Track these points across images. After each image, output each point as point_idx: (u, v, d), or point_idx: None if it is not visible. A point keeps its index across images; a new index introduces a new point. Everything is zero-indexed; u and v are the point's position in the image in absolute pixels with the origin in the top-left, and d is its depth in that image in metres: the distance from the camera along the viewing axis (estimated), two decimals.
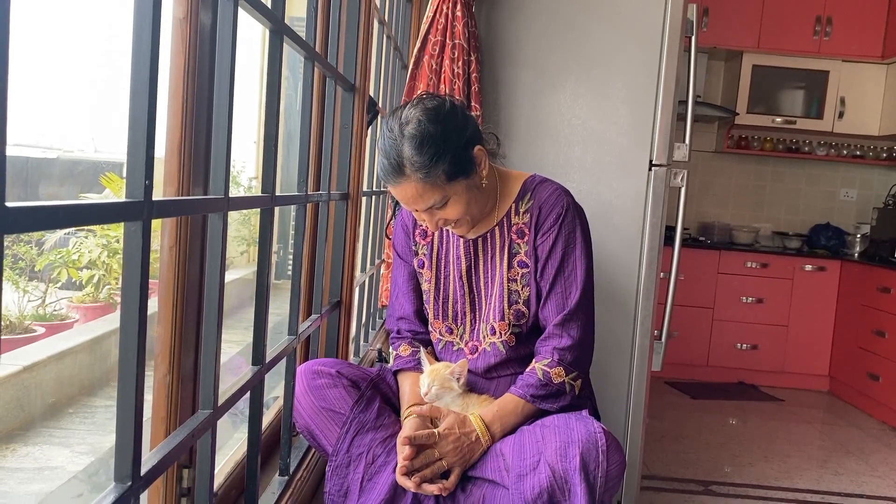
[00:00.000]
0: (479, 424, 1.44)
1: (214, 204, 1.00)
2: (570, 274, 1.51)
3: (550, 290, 1.51)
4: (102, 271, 4.87)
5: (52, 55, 4.46)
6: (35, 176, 4.75)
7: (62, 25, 4.65)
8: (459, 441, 1.41)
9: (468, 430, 1.43)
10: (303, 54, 1.42)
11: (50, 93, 4.57)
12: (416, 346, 1.63)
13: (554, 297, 1.51)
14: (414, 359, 1.60)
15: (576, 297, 1.50)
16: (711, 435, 3.53)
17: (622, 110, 2.25)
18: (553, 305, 1.51)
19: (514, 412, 1.46)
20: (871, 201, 4.95)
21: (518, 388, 1.48)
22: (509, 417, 1.46)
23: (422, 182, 1.38)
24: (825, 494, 2.84)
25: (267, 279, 1.25)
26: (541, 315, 1.53)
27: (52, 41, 4.45)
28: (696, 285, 4.45)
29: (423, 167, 1.36)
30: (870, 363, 4.10)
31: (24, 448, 3.29)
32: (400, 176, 1.39)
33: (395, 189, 1.43)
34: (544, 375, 1.46)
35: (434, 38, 2.15)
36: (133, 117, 0.76)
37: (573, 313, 1.49)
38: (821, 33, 4.49)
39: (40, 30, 4.26)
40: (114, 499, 0.77)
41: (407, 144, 1.37)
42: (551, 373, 1.46)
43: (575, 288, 1.50)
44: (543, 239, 1.51)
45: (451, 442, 1.41)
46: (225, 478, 1.40)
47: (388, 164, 1.39)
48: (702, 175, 4.99)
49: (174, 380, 1.05)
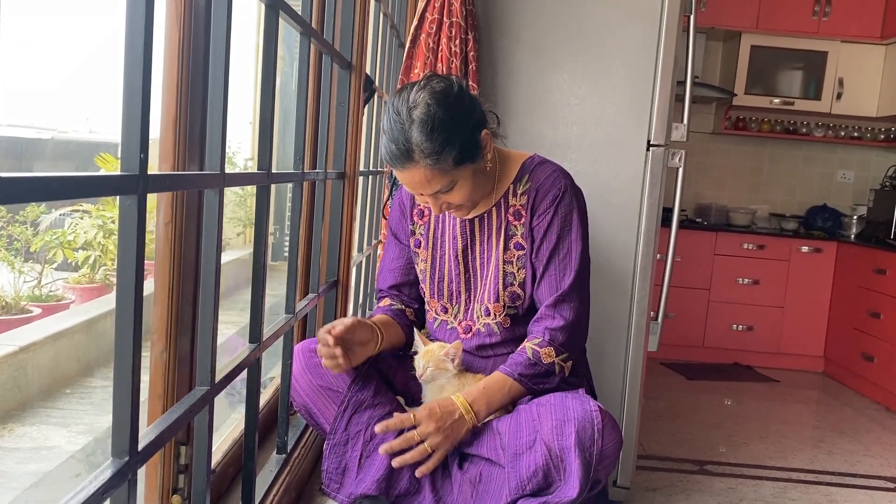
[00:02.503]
0: (462, 402, 1.42)
1: (210, 180, 0.99)
2: (564, 256, 1.50)
3: (545, 271, 1.50)
4: (98, 252, 4.86)
5: (45, 35, 4.42)
6: (28, 156, 4.73)
7: (56, 6, 4.61)
8: (442, 420, 1.39)
9: (451, 409, 1.41)
10: (299, 30, 1.40)
11: (43, 73, 4.53)
12: (395, 302, 1.66)
13: (548, 278, 1.50)
14: (391, 309, 1.64)
15: (570, 279, 1.49)
16: (707, 415, 3.55)
17: (620, 90, 2.24)
18: (546, 287, 1.50)
19: (501, 390, 1.45)
20: (868, 183, 4.95)
21: (507, 367, 1.47)
22: (495, 395, 1.44)
23: (431, 168, 1.36)
24: (819, 474, 2.86)
25: (264, 256, 1.25)
26: (535, 296, 1.53)
27: (47, 21, 4.41)
28: (692, 266, 4.45)
29: (433, 153, 1.34)
30: (865, 344, 4.12)
31: (22, 428, 3.30)
32: (408, 161, 1.36)
33: (402, 174, 1.40)
34: (534, 355, 1.45)
35: (431, 16, 2.13)
36: (128, 90, 0.75)
37: (566, 295, 1.49)
38: (820, 13, 4.46)
39: (35, 10, 4.22)
40: (111, 473, 0.77)
41: (416, 130, 1.34)
42: (541, 353, 1.45)
43: (569, 270, 1.49)
44: (539, 220, 1.50)
45: (434, 422, 1.39)
46: (223, 455, 1.40)
47: (396, 150, 1.36)
48: (699, 156, 4.98)
49: (171, 356, 1.04)
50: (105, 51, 4.52)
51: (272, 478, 1.43)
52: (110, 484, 0.76)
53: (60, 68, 4.51)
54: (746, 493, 2.61)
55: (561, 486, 1.32)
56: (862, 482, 2.83)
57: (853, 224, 4.70)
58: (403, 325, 1.64)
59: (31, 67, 4.22)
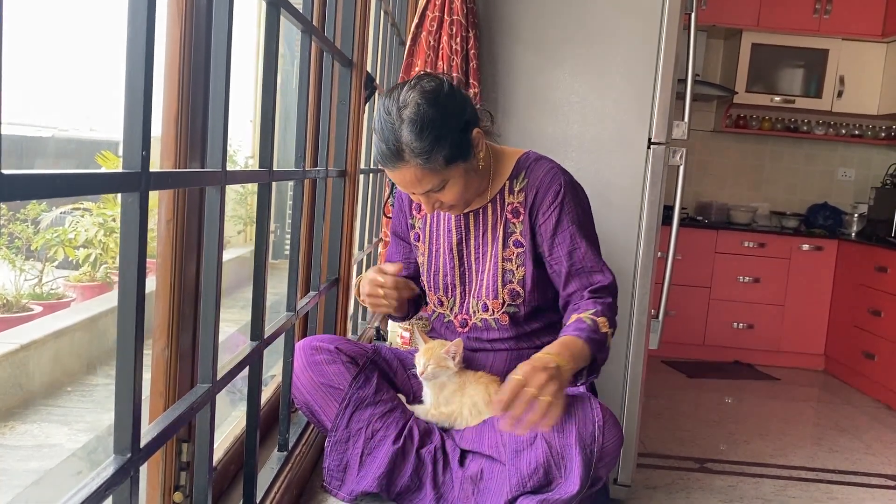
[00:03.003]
0: (547, 354, 1.30)
1: (212, 177, 0.99)
2: (584, 252, 1.50)
3: (570, 269, 1.49)
4: (99, 250, 4.86)
5: (46, 33, 4.42)
6: (29, 154, 4.73)
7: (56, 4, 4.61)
8: (546, 370, 1.24)
9: (545, 360, 1.27)
10: (300, 28, 1.40)
11: (44, 71, 4.53)
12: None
13: (577, 279, 1.49)
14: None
15: (600, 276, 1.50)
16: (707, 413, 3.55)
17: (621, 87, 2.24)
18: (577, 284, 1.49)
19: (576, 346, 1.34)
20: (869, 181, 4.95)
21: (574, 331, 1.37)
22: (574, 349, 1.33)
23: (421, 168, 1.36)
24: (820, 472, 2.87)
25: (265, 253, 1.25)
26: (563, 294, 1.51)
27: (47, 19, 4.41)
28: (693, 265, 4.45)
29: (423, 153, 1.34)
30: (865, 342, 4.12)
31: (23, 426, 3.31)
32: (399, 161, 1.36)
33: (393, 173, 1.40)
34: (593, 323, 1.39)
35: (432, 14, 2.13)
36: (129, 87, 0.75)
37: (602, 288, 1.49)
38: (821, 11, 4.46)
39: (35, 8, 4.22)
40: (113, 470, 0.77)
41: (406, 129, 1.34)
42: (598, 322, 1.39)
43: (595, 262, 1.50)
44: (545, 219, 1.50)
45: (541, 372, 1.23)
46: (224, 453, 1.40)
47: (387, 149, 1.36)
48: (700, 154, 4.97)
49: (172, 354, 1.04)
50: (106, 48, 4.52)
51: (273, 475, 1.43)
52: (113, 480, 0.76)
53: (61, 66, 4.51)
54: (747, 491, 2.61)
55: (561, 483, 1.32)
56: (862, 480, 2.83)
57: (854, 222, 4.70)
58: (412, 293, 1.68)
59: (32, 65, 4.22)
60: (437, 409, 1.51)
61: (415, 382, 1.58)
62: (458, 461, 1.45)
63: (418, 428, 1.49)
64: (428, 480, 1.45)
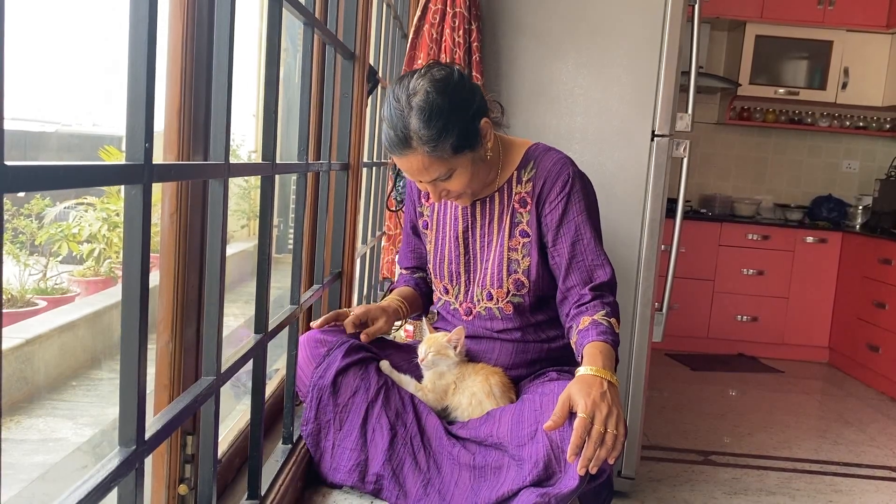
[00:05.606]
0: (590, 371, 1.29)
1: (215, 169, 0.99)
2: (587, 244, 1.50)
3: (571, 260, 1.49)
4: (103, 245, 4.86)
5: (48, 28, 4.42)
6: (33, 149, 4.73)
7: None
8: (594, 391, 1.24)
9: (589, 381, 1.26)
10: (302, 20, 1.40)
11: (47, 65, 4.53)
12: (416, 273, 1.75)
13: (577, 271, 1.49)
14: (412, 277, 1.74)
15: (601, 272, 1.49)
16: (711, 406, 3.55)
17: (624, 80, 2.23)
18: (578, 277, 1.49)
19: (606, 353, 1.34)
20: (873, 173, 4.93)
21: (596, 336, 1.37)
22: (607, 357, 1.33)
23: (428, 155, 1.37)
24: (824, 464, 2.87)
25: (269, 247, 1.25)
26: (562, 287, 1.51)
27: (50, 14, 4.40)
28: (697, 257, 4.44)
29: (430, 140, 1.35)
30: (870, 334, 4.12)
31: (28, 420, 3.32)
32: (406, 148, 1.37)
33: (401, 160, 1.42)
34: (609, 325, 1.40)
35: (434, 7, 2.13)
36: (132, 80, 0.75)
37: (604, 284, 1.49)
38: (825, 3, 4.43)
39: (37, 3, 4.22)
40: (118, 462, 0.77)
41: (415, 117, 1.35)
42: (612, 323, 1.41)
43: (599, 258, 1.50)
44: (552, 209, 1.50)
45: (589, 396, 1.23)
46: (228, 446, 1.40)
47: (395, 136, 1.37)
48: (703, 147, 4.96)
49: (177, 347, 1.05)
50: (109, 42, 4.52)
51: (278, 467, 1.43)
52: (118, 473, 0.76)
53: (64, 60, 4.51)
54: (751, 484, 2.61)
55: (561, 477, 1.31)
56: (866, 472, 2.83)
57: (858, 214, 4.69)
58: (421, 293, 1.73)
59: (35, 60, 4.22)
60: (434, 391, 1.50)
61: (417, 370, 1.58)
62: (462, 445, 1.43)
63: (387, 416, 1.46)
64: (409, 472, 1.43)
